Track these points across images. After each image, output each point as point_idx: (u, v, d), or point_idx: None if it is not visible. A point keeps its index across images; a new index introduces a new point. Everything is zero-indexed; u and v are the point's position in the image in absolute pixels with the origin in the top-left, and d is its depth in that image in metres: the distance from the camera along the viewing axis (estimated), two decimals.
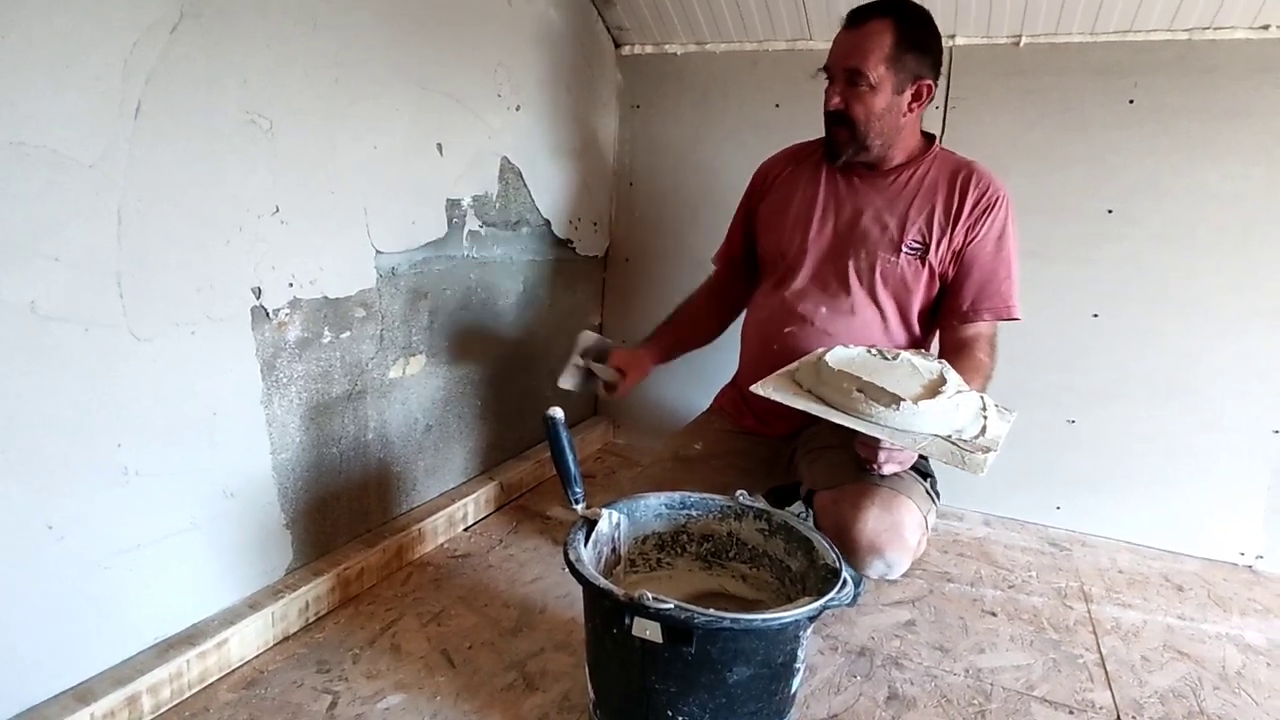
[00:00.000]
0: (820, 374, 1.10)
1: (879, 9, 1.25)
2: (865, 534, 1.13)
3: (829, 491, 1.22)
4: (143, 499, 0.98)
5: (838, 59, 1.28)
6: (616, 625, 0.85)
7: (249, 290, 1.09)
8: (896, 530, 1.13)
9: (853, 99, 1.27)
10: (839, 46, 1.28)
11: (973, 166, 1.34)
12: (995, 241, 1.31)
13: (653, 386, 2.10)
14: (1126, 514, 1.69)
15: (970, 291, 1.32)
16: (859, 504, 1.15)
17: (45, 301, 0.85)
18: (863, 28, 1.25)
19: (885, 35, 1.23)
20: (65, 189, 0.85)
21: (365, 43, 1.22)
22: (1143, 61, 1.55)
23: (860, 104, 1.26)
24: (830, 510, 1.19)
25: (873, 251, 1.34)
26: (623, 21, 1.91)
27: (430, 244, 1.43)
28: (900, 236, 1.33)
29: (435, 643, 1.18)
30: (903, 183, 1.35)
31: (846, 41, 1.27)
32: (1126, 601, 1.43)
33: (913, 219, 1.32)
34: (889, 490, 1.16)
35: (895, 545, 1.13)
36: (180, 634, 1.05)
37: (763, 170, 1.53)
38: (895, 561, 1.14)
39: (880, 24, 1.23)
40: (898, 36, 1.23)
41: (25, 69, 0.80)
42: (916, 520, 1.16)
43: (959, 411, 1.04)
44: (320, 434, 1.25)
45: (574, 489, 1.03)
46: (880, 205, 1.35)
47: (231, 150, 1.03)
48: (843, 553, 1.13)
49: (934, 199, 1.33)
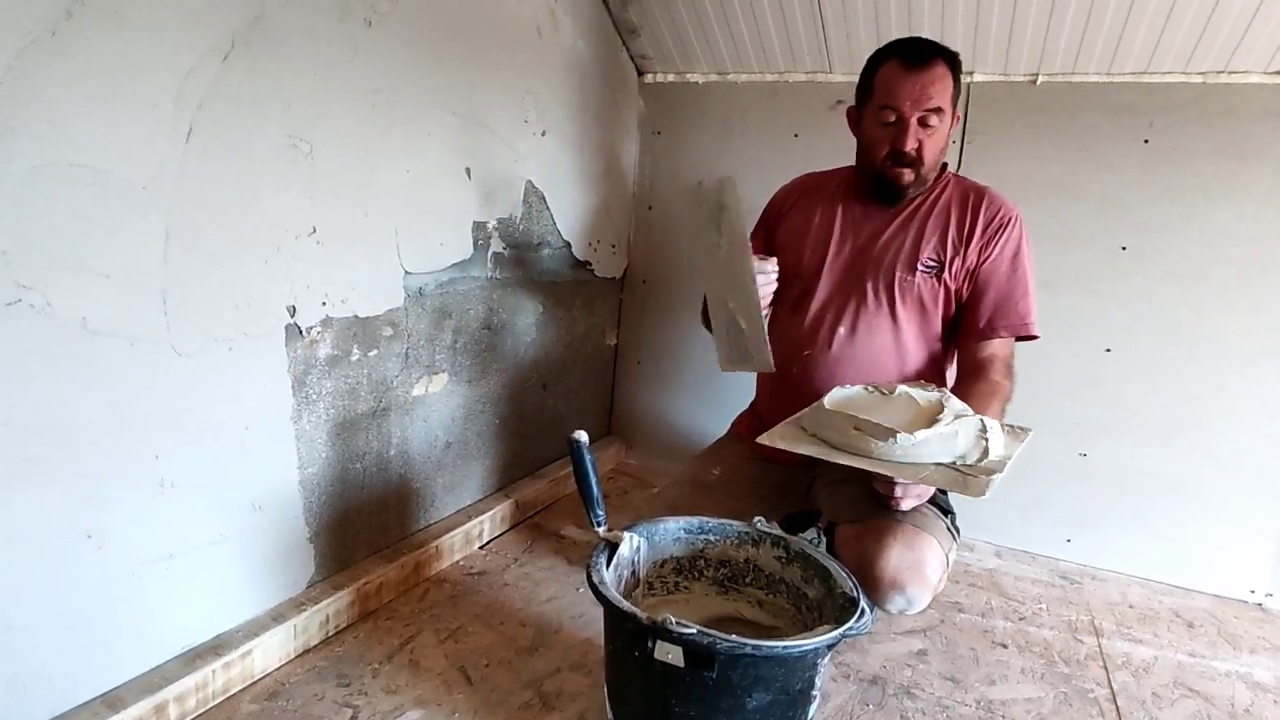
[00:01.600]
0: (820, 417, 1.13)
1: (934, 49, 1.27)
2: (888, 570, 1.13)
3: (851, 526, 1.22)
4: (176, 510, 1.01)
5: (913, 100, 1.26)
6: (638, 648, 0.87)
7: (284, 308, 1.12)
8: (919, 568, 1.13)
9: (926, 139, 1.29)
10: (907, 88, 1.26)
11: (985, 190, 1.37)
12: (1010, 260, 1.33)
13: (666, 409, 2.13)
14: (1137, 549, 1.69)
15: (987, 309, 1.34)
16: (882, 540, 1.15)
17: (95, 316, 0.88)
18: (931, 69, 1.25)
19: (947, 76, 1.26)
20: (118, 209, 0.88)
21: (402, 70, 1.26)
22: (1158, 102, 1.58)
23: (932, 143, 1.29)
24: (852, 545, 1.19)
25: (889, 271, 1.36)
26: (646, 51, 1.96)
27: (456, 265, 1.46)
28: (916, 255, 1.35)
29: (453, 659, 1.20)
30: (918, 206, 1.38)
31: (918, 81, 1.25)
32: (1137, 637, 1.44)
33: (928, 238, 1.35)
34: (912, 527, 1.16)
35: (917, 582, 1.13)
36: (206, 644, 1.07)
37: (778, 197, 1.56)
38: (916, 598, 1.14)
39: (941, 65, 1.26)
40: (954, 76, 1.28)
41: (88, 94, 0.83)
42: (939, 558, 1.16)
43: (959, 438, 1.06)
44: (345, 450, 1.27)
45: (596, 512, 1.05)
46: (896, 228, 1.38)
47: (273, 172, 1.07)
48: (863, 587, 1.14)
49: (948, 219, 1.36)
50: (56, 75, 0.81)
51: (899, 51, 1.28)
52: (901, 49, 1.28)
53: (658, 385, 2.15)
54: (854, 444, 1.06)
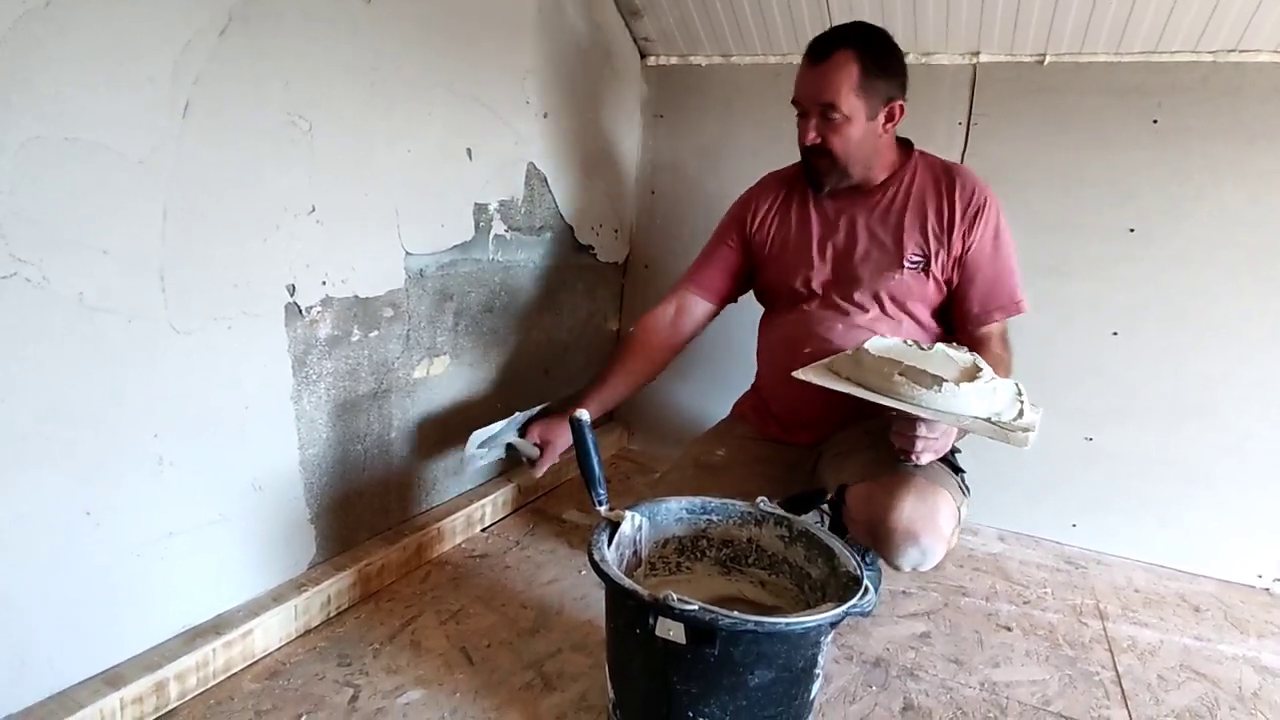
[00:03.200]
0: (861, 362, 1.12)
1: (840, 40, 1.25)
2: (902, 520, 1.13)
3: (863, 484, 1.22)
4: (175, 489, 1.00)
5: (808, 94, 1.28)
6: (640, 625, 0.87)
7: (284, 288, 1.11)
8: (932, 518, 1.14)
9: (829, 132, 1.28)
10: (807, 82, 1.28)
11: (954, 170, 1.36)
12: (992, 242, 1.33)
13: (668, 394, 2.12)
14: (1143, 533, 1.68)
15: (978, 296, 1.34)
16: (895, 492, 1.15)
17: (92, 293, 0.87)
18: (828, 61, 1.24)
19: (851, 65, 1.24)
20: (115, 184, 0.88)
21: (403, 48, 1.25)
22: (1167, 82, 1.56)
23: (837, 136, 1.28)
24: (865, 501, 1.19)
25: (876, 273, 1.35)
26: (649, 33, 1.94)
27: (457, 246, 1.45)
28: (900, 252, 1.34)
29: (454, 640, 1.19)
30: (890, 198, 1.36)
31: (814, 76, 1.26)
32: (1143, 620, 1.43)
33: (909, 233, 1.34)
34: (924, 480, 1.17)
35: (931, 532, 1.13)
36: (206, 623, 1.07)
37: (746, 202, 1.51)
38: (930, 549, 1.14)
39: (844, 55, 1.24)
40: (863, 65, 1.24)
41: (84, 68, 0.83)
42: (951, 510, 1.17)
43: (996, 395, 1.07)
44: (346, 431, 1.27)
45: (598, 491, 1.05)
46: (874, 224, 1.36)
47: (272, 150, 1.06)
48: (876, 543, 1.15)
49: (924, 209, 1.34)
50: (52, 47, 0.80)
51: (808, 47, 1.29)
52: (812, 44, 1.28)
53: (662, 372, 2.13)
54: (894, 389, 1.06)
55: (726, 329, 2.02)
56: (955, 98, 1.72)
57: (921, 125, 1.74)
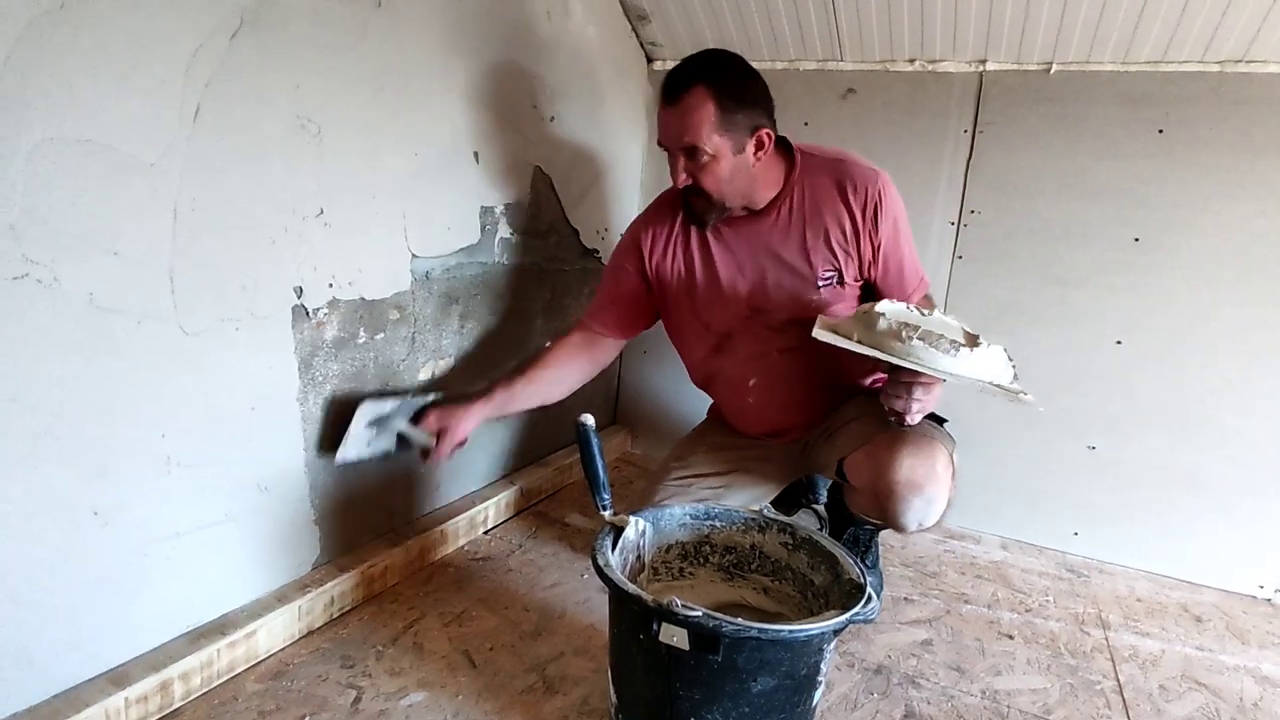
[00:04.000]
0: (873, 325, 1.12)
1: (691, 77, 1.20)
2: (903, 472, 1.16)
3: (861, 449, 1.25)
4: (182, 489, 1.01)
5: (670, 137, 1.23)
6: (643, 631, 0.87)
7: (291, 290, 1.11)
8: (932, 466, 1.17)
9: (698, 172, 1.23)
10: (666, 125, 1.23)
11: (841, 167, 1.31)
12: (894, 232, 1.32)
13: (671, 398, 2.12)
14: (1145, 543, 1.68)
15: (897, 285, 1.36)
16: (894, 449, 1.18)
17: (102, 293, 0.87)
18: (682, 102, 1.19)
19: (707, 104, 1.18)
20: (127, 186, 0.88)
21: (411, 52, 1.25)
22: (1174, 92, 1.56)
23: (707, 175, 1.23)
24: (864, 464, 1.23)
25: (793, 298, 1.33)
26: (656, 38, 1.95)
27: (463, 250, 1.46)
28: (812, 271, 1.32)
29: (457, 643, 1.20)
30: (785, 216, 1.32)
31: (672, 118, 1.21)
32: (1144, 630, 1.43)
33: (814, 251, 1.31)
34: (919, 434, 1.20)
35: (933, 480, 1.17)
36: (211, 623, 1.07)
37: (637, 233, 1.45)
38: (934, 497, 1.17)
39: (699, 94, 1.18)
40: (719, 101, 1.18)
41: (97, 70, 0.83)
42: (946, 460, 1.20)
43: (997, 360, 1.11)
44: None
45: (602, 495, 1.05)
46: (777, 248, 1.33)
47: (281, 153, 1.06)
48: (880, 501, 1.19)
49: (823, 221, 1.30)
50: (65, 49, 0.80)
51: (663, 88, 1.23)
52: (665, 83, 1.23)
53: (663, 375, 2.14)
54: (912, 352, 1.08)
55: None
56: (962, 106, 1.73)
57: (928, 133, 1.76)
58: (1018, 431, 1.74)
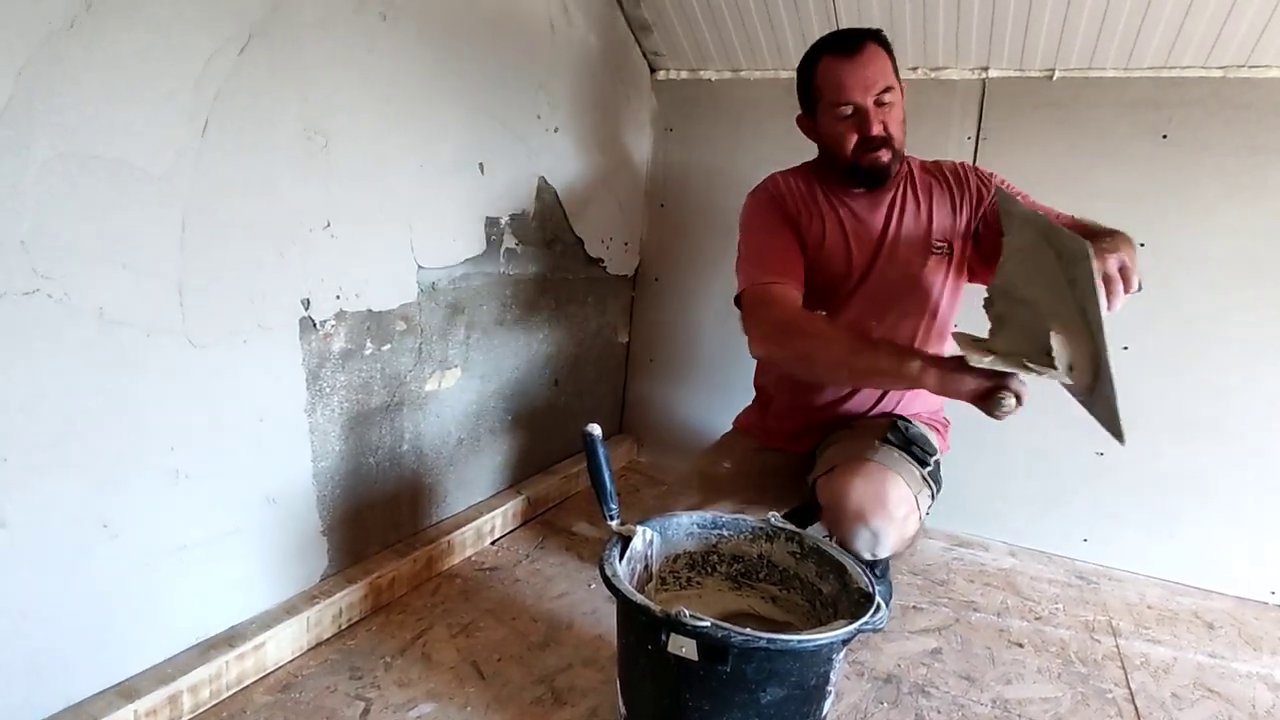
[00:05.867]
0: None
1: (860, 34, 1.28)
2: (852, 502, 1.18)
3: (826, 475, 1.28)
4: (191, 501, 1.01)
5: (861, 84, 1.25)
6: (652, 641, 0.87)
7: (299, 301, 1.12)
8: (879, 499, 1.18)
9: (888, 118, 1.28)
10: (853, 74, 1.25)
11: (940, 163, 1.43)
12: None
13: (678, 407, 2.12)
14: (1155, 549, 1.67)
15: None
16: (847, 477, 1.22)
17: (112, 306, 0.88)
18: (864, 52, 1.26)
19: (882, 52, 1.27)
20: (135, 199, 0.89)
21: (416, 64, 1.26)
22: (1177, 97, 1.56)
23: (893, 120, 1.29)
24: (825, 488, 1.26)
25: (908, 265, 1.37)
26: (659, 48, 1.96)
27: (469, 260, 1.46)
28: (928, 241, 1.37)
29: (465, 654, 1.19)
30: (900, 194, 1.38)
31: (858, 66, 1.25)
32: (1156, 637, 1.42)
33: (937, 220, 1.37)
34: (875, 464, 1.22)
35: (879, 514, 1.17)
36: (220, 635, 1.07)
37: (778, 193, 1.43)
38: (880, 530, 1.18)
39: (873, 46, 1.27)
40: (889, 54, 1.29)
41: (108, 86, 0.84)
42: (903, 494, 1.20)
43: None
44: (359, 444, 1.28)
45: (610, 505, 1.05)
46: (895, 218, 1.38)
47: (289, 165, 1.07)
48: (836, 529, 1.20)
49: (931, 195, 1.38)
50: (76, 66, 0.81)
51: (830, 47, 1.28)
52: (832, 43, 1.29)
53: (670, 383, 2.14)
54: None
55: (733, 342, 2.03)
56: (965, 112, 1.73)
57: (931, 140, 1.76)
58: (1024, 437, 1.74)
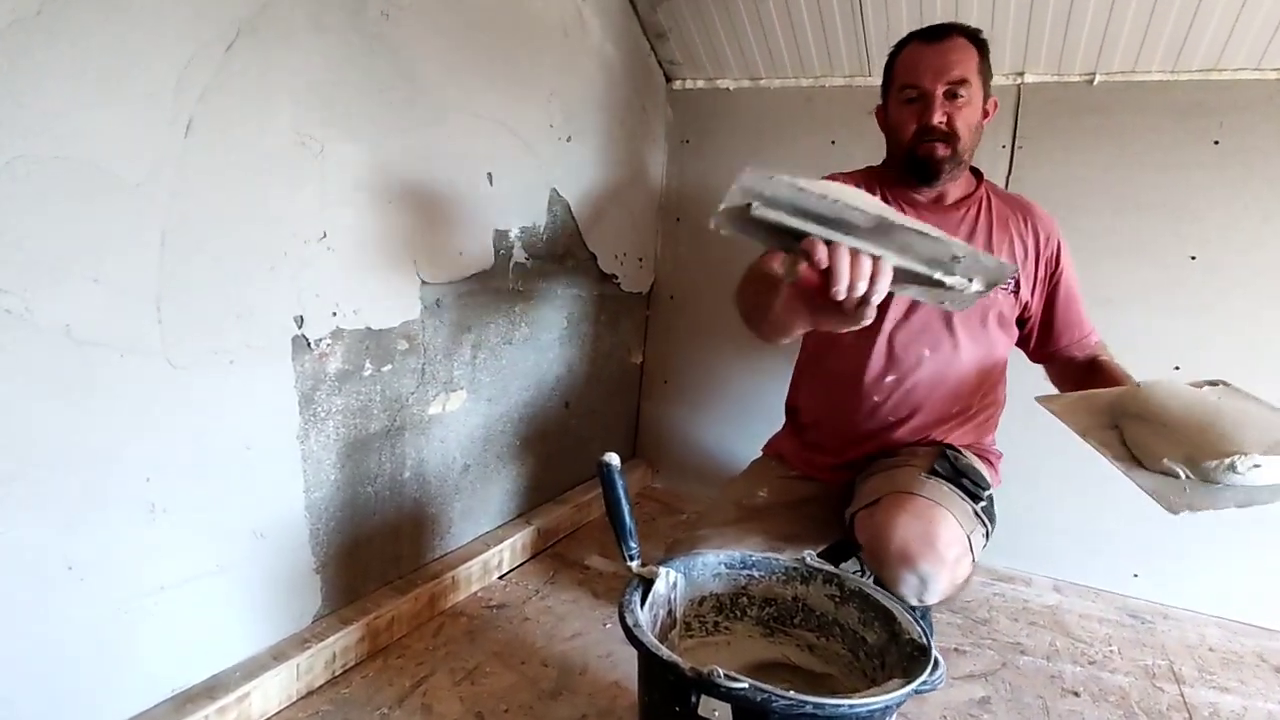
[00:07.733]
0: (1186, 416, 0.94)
1: (951, 27, 1.23)
2: (896, 541, 1.06)
3: (867, 508, 1.16)
4: (169, 538, 0.92)
5: (933, 71, 1.20)
6: (679, 703, 0.76)
7: (291, 319, 1.03)
8: (928, 539, 1.05)
9: (954, 112, 1.21)
10: (928, 59, 1.21)
11: (1025, 202, 1.36)
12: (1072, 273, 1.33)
13: (693, 431, 2.02)
14: (1213, 585, 1.55)
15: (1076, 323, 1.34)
16: (891, 512, 1.10)
17: (81, 324, 0.79)
18: (948, 41, 1.21)
19: (970, 49, 1.21)
20: (109, 207, 0.81)
21: (421, 67, 1.18)
22: (1228, 101, 1.47)
23: (961, 117, 1.21)
24: (866, 524, 1.14)
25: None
26: (675, 56, 1.88)
27: (476, 275, 1.37)
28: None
29: (469, 704, 1.09)
30: (975, 215, 1.30)
31: (936, 53, 1.21)
32: (1222, 684, 1.30)
33: (1000, 252, 1.28)
34: (924, 499, 1.10)
35: (929, 556, 1.05)
36: (199, 685, 0.98)
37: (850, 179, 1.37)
38: (929, 575, 1.05)
39: (962, 39, 1.21)
40: (979, 51, 1.22)
41: (77, 81, 0.76)
42: (955, 534, 1.08)
43: None
44: (356, 472, 1.18)
45: (629, 544, 0.95)
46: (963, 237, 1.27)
47: (280, 172, 0.99)
48: (878, 570, 1.08)
49: (1009, 233, 1.30)
50: (42, 59, 0.73)
51: (919, 34, 1.25)
52: (921, 31, 1.25)
53: (685, 406, 2.04)
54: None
55: (752, 364, 1.94)
56: (999, 120, 1.64)
57: None
58: (1069, 466, 1.62)
